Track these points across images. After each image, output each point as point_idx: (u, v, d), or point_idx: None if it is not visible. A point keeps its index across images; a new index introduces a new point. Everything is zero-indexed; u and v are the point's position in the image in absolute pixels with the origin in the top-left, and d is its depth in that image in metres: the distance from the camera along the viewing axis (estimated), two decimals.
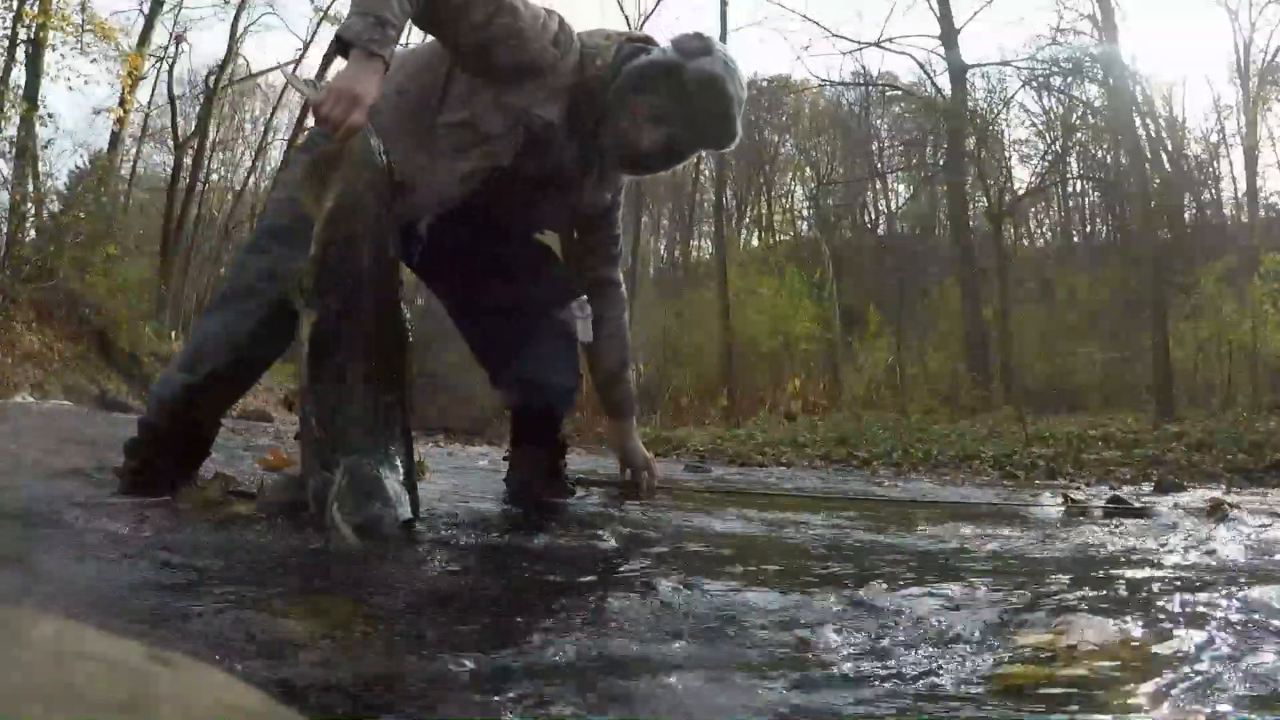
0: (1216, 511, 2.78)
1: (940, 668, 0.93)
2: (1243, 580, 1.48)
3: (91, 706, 0.30)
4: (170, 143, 22.01)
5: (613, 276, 2.40)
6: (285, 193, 2.01)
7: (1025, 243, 25.32)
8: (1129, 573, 1.56)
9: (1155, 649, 0.99)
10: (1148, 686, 0.87)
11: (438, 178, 1.94)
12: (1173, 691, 0.85)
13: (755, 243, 27.66)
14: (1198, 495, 3.91)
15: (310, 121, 2.20)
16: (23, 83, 14.07)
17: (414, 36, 3.15)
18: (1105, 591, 1.35)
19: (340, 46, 1.69)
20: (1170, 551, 1.90)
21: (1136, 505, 2.97)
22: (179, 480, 1.95)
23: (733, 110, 1.95)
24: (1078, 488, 4.53)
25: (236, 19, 20.58)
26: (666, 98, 1.93)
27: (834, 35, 21.34)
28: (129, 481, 1.93)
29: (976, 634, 1.07)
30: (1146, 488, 4.60)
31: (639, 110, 1.95)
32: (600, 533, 1.82)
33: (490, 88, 1.92)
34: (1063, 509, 2.91)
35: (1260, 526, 2.45)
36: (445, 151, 1.93)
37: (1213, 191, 22.64)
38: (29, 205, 14.07)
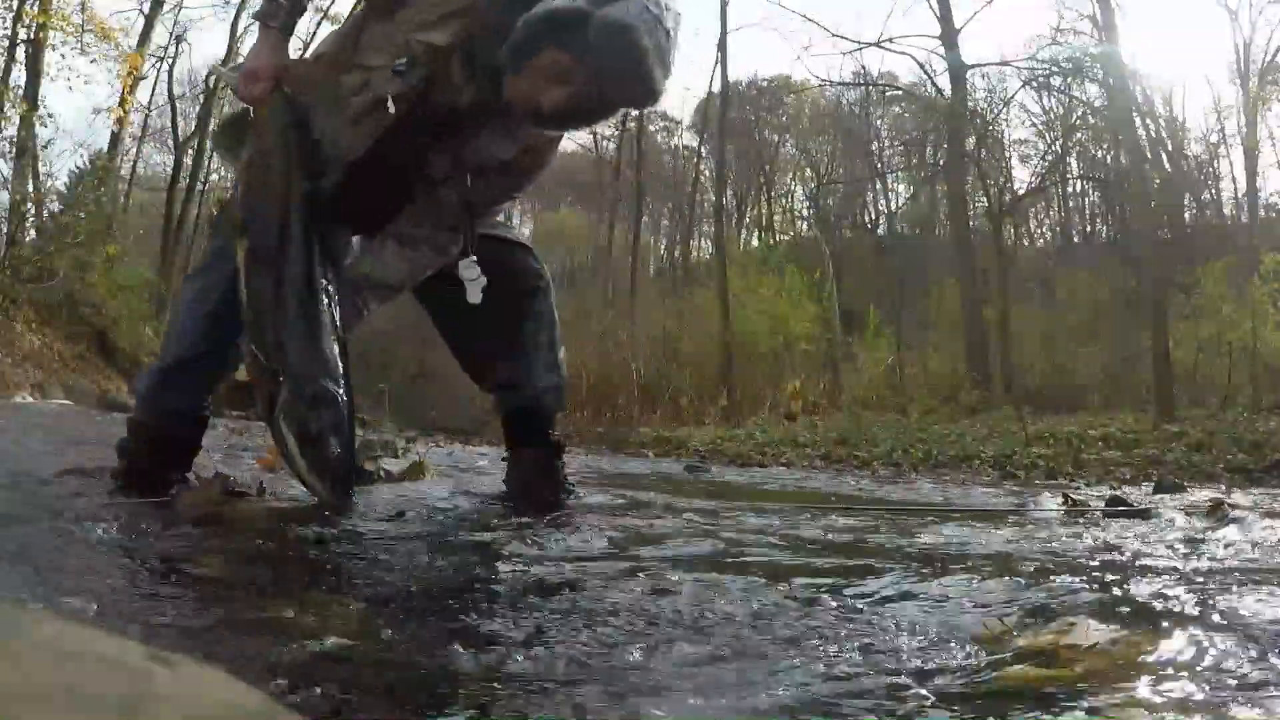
0: (1216, 512, 2.78)
1: (941, 668, 0.93)
2: (1242, 581, 1.48)
3: (91, 706, 0.30)
4: (170, 143, 21.99)
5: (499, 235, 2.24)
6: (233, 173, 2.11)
7: (1025, 243, 25.33)
8: (1129, 574, 1.56)
9: (1155, 650, 0.99)
10: (1147, 687, 0.87)
11: (340, 131, 1.89)
12: (1171, 692, 0.85)
13: (755, 243, 27.66)
14: (1198, 495, 3.91)
15: None
16: (23, 83, 14.06)
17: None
18: (1105, 592, 1.35)
19: None
20: (1170, 552, 1.90)
21: (1136, 506, 2.97)
22: (172, 477, 1.95)
23: (647, 65, 1.67)
24: (1078, 488, 4.54)
25: (236, 19, 20.55)
26: (567, 53, 1.68)
27: (834, 35, 21.40)
28: (123, 482, 1.93)
29: (976, 634, 1.07)
30: (1146, 488, 4.60)
31: (537, 68, 1.71)
32: (601, 533, 1.82)
33: (379, 25, 1.89)
34: (1063, 509, 2.91)
35: (1260, 527, 2.45)
36: (345, 101, 1.90)
37: (1213, 191, 22.65)
38: (29, 205, 14.05)
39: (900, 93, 21.37)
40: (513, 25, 1.75)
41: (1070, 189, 25.50)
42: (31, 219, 14.41)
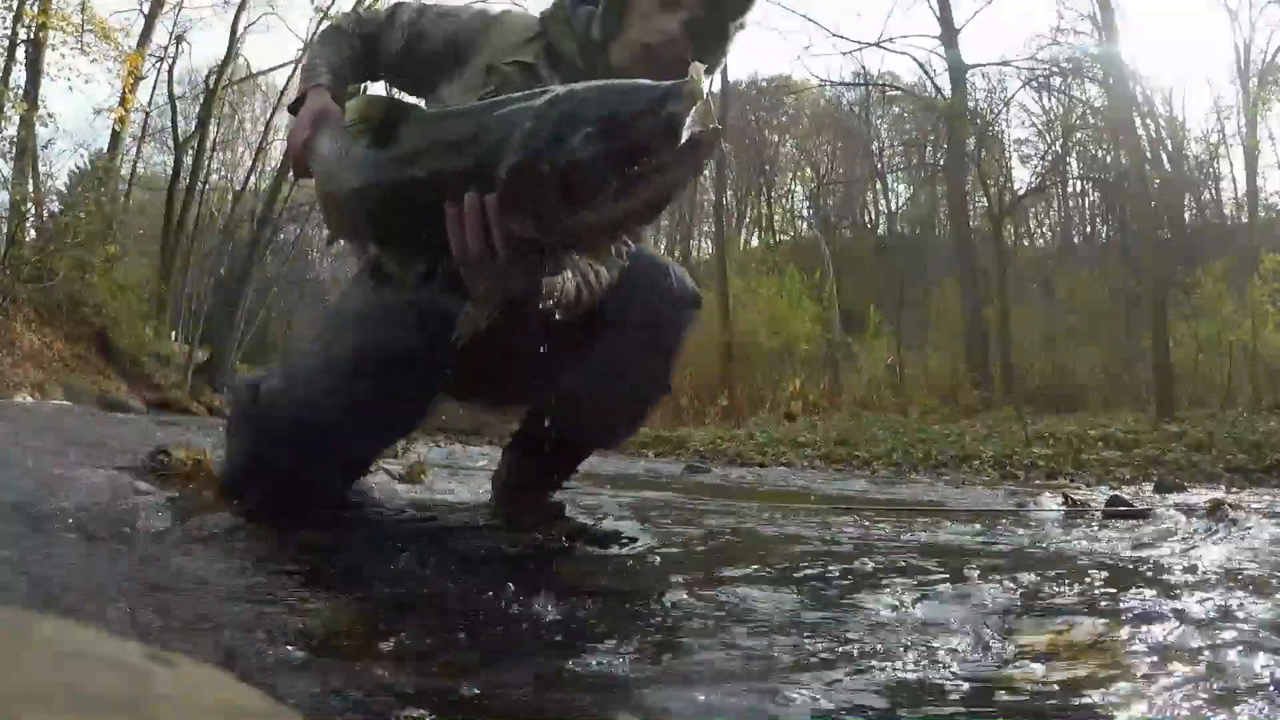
0: (1216, 512, 2.78)
1: (940, 667, 0.93)
2: (1241, 581, 1.48)
3: (91, 706, 0.30)
4: (170, 143, 22.01)
5: None
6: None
7: (1025, 243, 25.35)
8: (1128, 574, 1.56)
9: (1155, 649, 0.99)
10: (1146, 687, 0.87)
11: None
12: (1171, 691, 0.85)
13: (755, 243, 27.67)
14: (1197, 496, 3.91)
15: None
16: (23, 83, 14.08)
17: None
18: (1105, 592, 1.35)
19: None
20: (1169, 552, 1.90)
21: (1136, 506, 2.97)
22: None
23: None
24: (1078, 488, 4.54)
25: (236, 19, 20.60)
26: None
27: (834, 35, 21.40)
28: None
29: (977, 634, 1.07)
30: (1146, 488, 4.61)
31: (639, 9, 1.73)
32: (604, 533, 1.82)
33: (454, 80, 1.82)
34: (1063, 509, 2.91)
35: (1260, 527, 2.45)
36: None
37: (1213, 191, 22.68)
38: (29, 205, 14.07)
39: (900, 93, 21.37)
40: (585, 15, 1.78)
41: (1070, 189, 25.53)
42: (31, 219, 14.43)
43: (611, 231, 1.36)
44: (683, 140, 1.14)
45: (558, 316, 1.50)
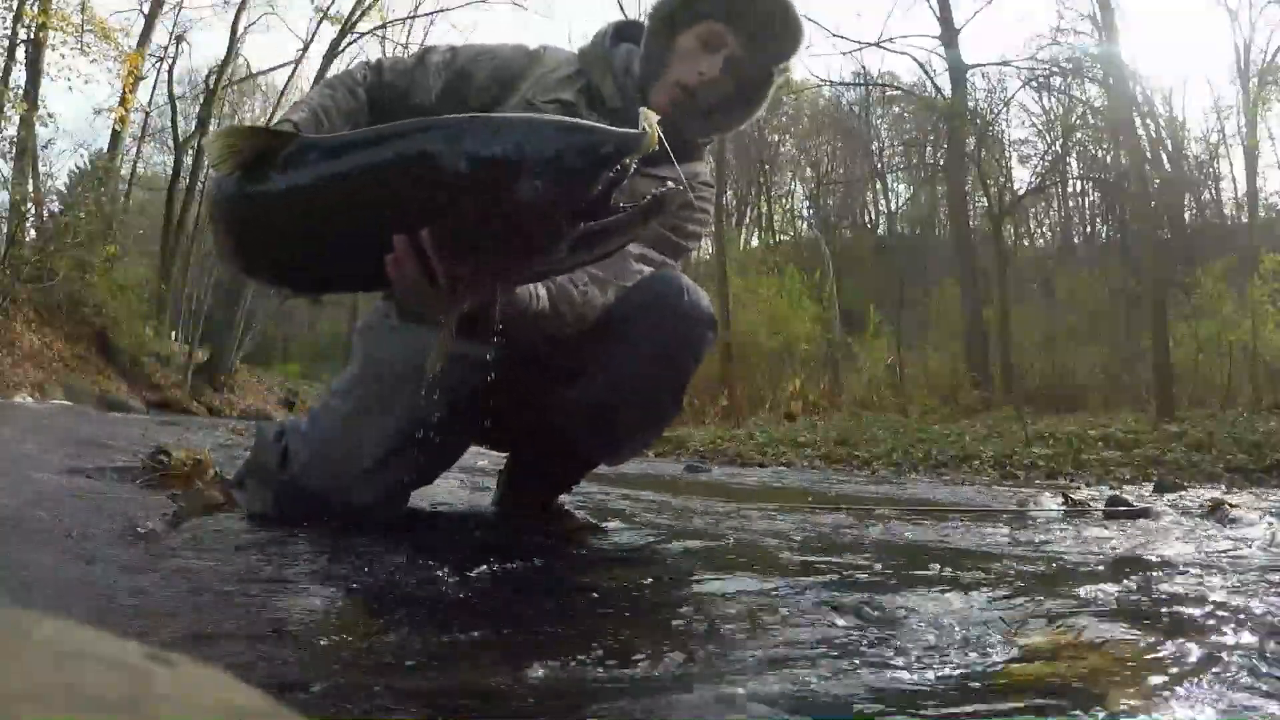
0: (1216, 512, 2.79)
1: (941, 667, 0.93)
2: (1241, 580, 1.48)
3: (91, 706, 0.30)
4: (170, 143, 22.04)
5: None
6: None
7: (1025, 243, 25.37)
8: (1128, 574, 1.56)
9: (1155, 649, 0.99)
10: (1147, 686, 0.87)
11: None
12: (1172, 691, 0.85)
13: (755, 242, 27.67)
14: (1197, 495, 3.91)
15: None
16: (23, 83, 14.09)
17: None
18: (1104, 592, 1.35)
19: None
20: (1169, 552, 1.90)
21: (1136, 506, 2.97)
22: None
23: (793, 9, 1.72)
24: (1078, 488, 4.54)
25: (236, 19, 20.63)
26: (715, 21, 1.69)
27: (834, 35, 21.38)
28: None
29: (977, 634, 1.07)
30: (1146, 488, 4.61)
31: (684, 49, 1.70)
32: (605, 532, 1.82)
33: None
34: (1063, 509, 2.91)
35: (1259, 527, 2.46)
36: None
37: (1213, 191, 22.71)
38: (29, 205, 14.08)
39: (900, 93, 21.37)
40: (625, 55, 1.77)
41: (1070, 189, 25.56)
42: (31, 219, 14.43)
43: (557, 271, 1.33)
44: (647, 198, 1.10)
45: (540, 325, 1.50)
